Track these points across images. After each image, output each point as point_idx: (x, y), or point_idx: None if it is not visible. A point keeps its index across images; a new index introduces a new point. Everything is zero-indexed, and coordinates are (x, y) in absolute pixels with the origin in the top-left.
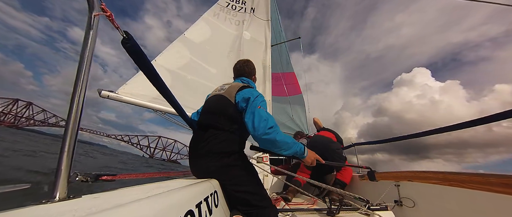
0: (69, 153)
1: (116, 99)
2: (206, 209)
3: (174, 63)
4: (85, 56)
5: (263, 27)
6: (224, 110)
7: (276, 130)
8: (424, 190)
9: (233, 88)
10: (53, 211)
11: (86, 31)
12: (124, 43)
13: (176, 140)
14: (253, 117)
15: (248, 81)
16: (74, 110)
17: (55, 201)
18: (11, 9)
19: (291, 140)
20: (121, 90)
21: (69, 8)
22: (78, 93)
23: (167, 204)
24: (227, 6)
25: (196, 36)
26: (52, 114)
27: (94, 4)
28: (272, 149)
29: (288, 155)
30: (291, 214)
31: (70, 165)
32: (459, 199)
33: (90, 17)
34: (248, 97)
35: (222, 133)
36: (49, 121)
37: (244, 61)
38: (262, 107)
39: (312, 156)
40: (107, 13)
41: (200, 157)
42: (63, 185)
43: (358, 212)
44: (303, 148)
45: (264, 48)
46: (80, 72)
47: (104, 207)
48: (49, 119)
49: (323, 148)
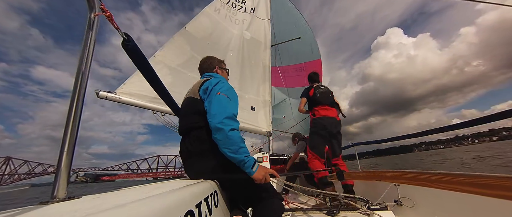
0: (69, 153)
1: (115, 100)
2: (206, 209)
3: (175, 59)
4: (85, 56)
5: (263, 26)
6: (195, 109)
7: (231, 124)
8: (424, 190)
9: (195, 86)
10: (53, 211)
11: (86, 31)
12: (124, 44)
13: (176, 155)
14: (210, 105)
15: (211, 74)
16: (74, 110)
17: (55, 201)
18: None
19: (243, 146)
20: (119, 91)
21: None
22: (78, 93)
23: (167, 204)
24: (228, 3)
25: (197, 31)
26: (36, 162)
27: (94, 4)
28: (221, 146)
29: (232, 159)
30: (291, 214)
31: (70, 165)
32: (458, 199)
33: (90, 17)
34: (206, 87)
35: (202, 132)
36: (35, 171)
37: (202, 59)
38: (223, 93)
39: (262, 172)
40: (106, 13)
41: (193, 159)
42: (63, 186)
43: (358, 212)
44: (253, 161)
45: (264, 48)
46: (80, 72)
47: (104, 207)
48: (35, 169)
49: (336, 143)
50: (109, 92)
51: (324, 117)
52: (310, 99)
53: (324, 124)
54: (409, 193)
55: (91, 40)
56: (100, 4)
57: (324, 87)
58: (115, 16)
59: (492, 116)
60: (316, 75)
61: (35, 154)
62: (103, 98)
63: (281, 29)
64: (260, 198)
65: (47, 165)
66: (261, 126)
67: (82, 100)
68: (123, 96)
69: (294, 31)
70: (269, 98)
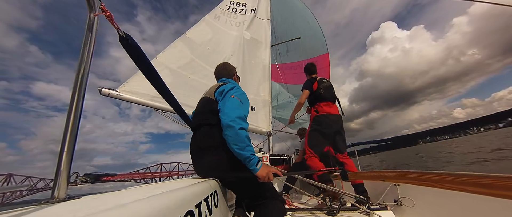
0: (69, 153)
1: (117, 97)
2: (206, 209)
3: (175, 61)
4: (85, 56)
5: (263, 27)
6: (209, 108)
7: (242, 124)
8: (424, 189)
9: (212, 88)
10: (53, 212)
11: (86, 31)
12: (122, 40)
13: (179, 162)
14: (224, 105)
15: (228, 80)
16: (74, 110)
17: (55, 201)
18: None
19: (250, 144)
20: (121, 88)
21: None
22: (78, 93)
23: (167, 204)
24: (228, 9)
25: (197, 36)
26: (38, 178)
27: (94, 4)
28: (230, 142)
29: (238, 155)
30: (291, 214)
31: (70, 165)
32: (458, 198)
33: (90, 17)
34: (222, 89)
35: (212, 128)
36: (37, 186)
37: (222, 64)
38: (237, 97)
39: (265, 170)
40: (106, 13)
41: (200, 154)
42: (63, 186)
43: (358, 211)
44: (257, 159)
45: (264, 48)
46: (80, 72)
47: (104, 208)
48: (37, 184)
49: (340, 139)
50: (112, 90)
51: (328, 114)
52: (313, 93)
53: (329, 123)
54: (409, 193)
55: (91, 40)
56: (100, 4)
57: (327, 81)
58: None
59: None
60: (313, 67)
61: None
62: (105, 95)
63: (287, 27)
64: (263, 199)
65: (49, 180)
66: (261, 126)
67: (82, 100)
68: (125, 94)
69: (303, 28)
70: (269, 98)
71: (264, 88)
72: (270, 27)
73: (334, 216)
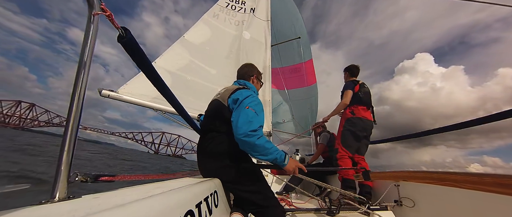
0: (69, 153)
1: (117, 99)
2: (206, 209)
3: (174, 64)
4: (85, 56)
5: (263, 27)
6: (219, 114)
7: (258, 134)
8: (423, 190)
9: (227, 92)
10: (52, 212)
11: (86, 30)
12: (120, 38)
13: (179, 135)
14: (237, 117)
15: (245, 83)
16: (74, 110)
17: (55, 201)
18: (10, 13)
19: (271, 146)
20: (121, 90)
21: (67, 8)
22: (78, 93)
23: (167, 204)
24: (227, 6)
25: (196, 37)
26: (55, 114)
27: (94, 3)
28: (250, 153)
29: (266, 160)
30: (291, 214)
31: (70, 165)
32: (458, 198)
33: (90, 16)
34: (237, 98)
35: (220, 136)
36: (53, 121)
37: (244, 65)
38: (251, 108)
39: (293, 165)
40: (106, 12)
41: (205, 158)
42: (62, 185)
43: (358, 212)
44: (283, 155)
45: (264, 48)
46: (80, 72)
47: (104, 207)
48: (53, 120)
49: (365, 143)
50: (112, 91)
51: (363, 118)
52: (353, 95)
53: (364, 126)
54: (409, 193)
55: (91, 39)
56: (100, 4)
57: (367, 87)
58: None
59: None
60: (357, 70)
61: (58, 106)
62: (105, 97)
63: (279, 29)
64: (263, 205)
65: (64, 118)
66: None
67: (82, 100)
68: (125, 95)
69: (291, 32)
70: (269, 98)
71: (264, 89)
72: (270, 28)
73: (334, 216)
